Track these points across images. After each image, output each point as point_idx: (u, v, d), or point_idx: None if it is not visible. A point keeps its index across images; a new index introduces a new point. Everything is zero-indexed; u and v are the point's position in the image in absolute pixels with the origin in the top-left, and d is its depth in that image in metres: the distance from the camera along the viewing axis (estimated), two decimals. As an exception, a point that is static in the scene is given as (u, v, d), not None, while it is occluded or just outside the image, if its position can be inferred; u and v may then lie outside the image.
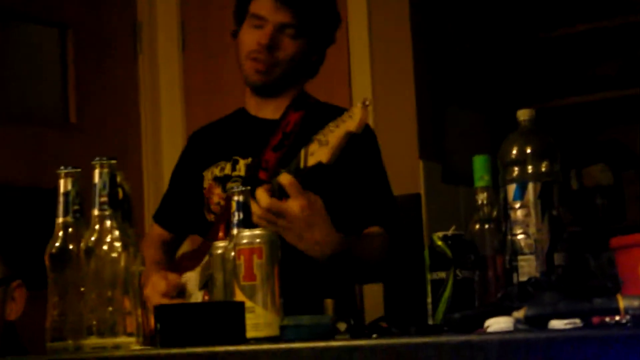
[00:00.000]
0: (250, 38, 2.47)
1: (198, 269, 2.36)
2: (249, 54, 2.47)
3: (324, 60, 2.63)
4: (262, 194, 2.08)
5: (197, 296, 2.32)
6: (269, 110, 2.56)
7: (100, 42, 4.02)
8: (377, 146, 2.55)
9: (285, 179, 2.06)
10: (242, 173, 2.49)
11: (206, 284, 2.29)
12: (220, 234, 2.34)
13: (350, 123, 1.94)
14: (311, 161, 1.99)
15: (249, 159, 2.50)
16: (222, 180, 2.52)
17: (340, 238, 2.19)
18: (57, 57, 3.95)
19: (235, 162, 2.52)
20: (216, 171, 2.54)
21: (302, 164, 2.02)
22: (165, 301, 2.25)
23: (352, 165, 2.36)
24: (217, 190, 2.51)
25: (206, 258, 2.33)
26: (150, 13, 4.15)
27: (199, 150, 2.65)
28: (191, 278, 2.36)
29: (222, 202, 2.48)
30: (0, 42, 3.74)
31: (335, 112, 2.51)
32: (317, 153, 1.98)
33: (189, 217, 2.62)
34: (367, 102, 1.94)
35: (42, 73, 3.95)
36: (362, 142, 2.40)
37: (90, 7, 3.99)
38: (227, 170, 2.52)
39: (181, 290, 2.30)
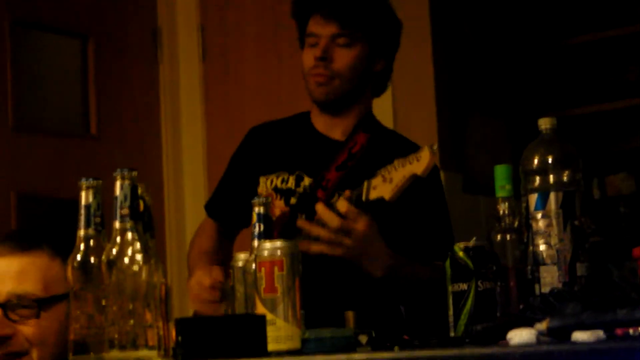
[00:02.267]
0: (309, 56, 2.52)
1: None
2: (310, 71, 2.51)
3: (391, 76, 2.65)
4: (330, 216, 2.17)
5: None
6: (338, 131, 2.57)
7: (121, 52, 4.03)
8: (440, 183, 2.58)
9: (342, 205, 2.14)
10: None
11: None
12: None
13: (417, 166, 1.97)
14: (373, 195, 2.04)
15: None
16: (285, 194, 2.53)
17: (394, 255, 2.27)
18: (78, 67, 3.96)
19: (300, 178, 2.53)
20: (277, 181, 2.54)
21: (363, 196, 2.06)
22: (206, 296, 2.26)
23: (415, 201, 2.39)
24: (279, 203, 2.52)
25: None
26: (170, 21, 4.16)
27: (258, 150, 2.64)
28: None
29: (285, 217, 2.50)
30: (22, 53, 3.76)
31: (401, 142, 2.59)
32: (380, 188, 2.02)
33: (240, 214, 2.58)
34: (435, 147, 1.97)
35: (63, 84, 3.97)
36: (426, 179, 2.43)
37: (111, 17, 4.01)
38: (291, 184, 2.53)
39: (223, 288, 2.30)
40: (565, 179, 1.76)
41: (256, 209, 1.81)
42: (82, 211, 1.69)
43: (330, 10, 2.49)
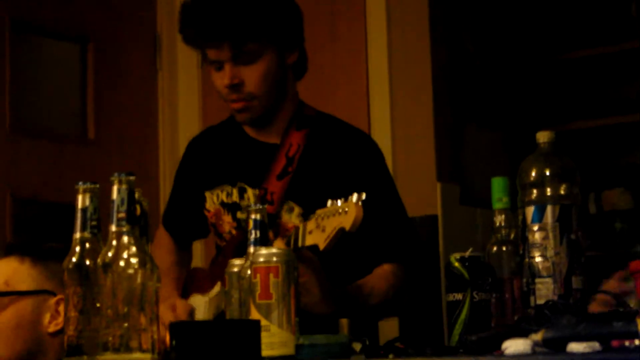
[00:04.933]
0: (218, 82, 2.40)
1: (206, 298, 2.35)
2: (225, 97, 2.41)
3: (306, 55, 2.49)
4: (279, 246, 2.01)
5: None
6: (271, 134, 2.47)
7: (120, 57, 4.03)
8: (387, 173, 2.47)
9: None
10: (251, 203, 2.41)
11: (216, 317, 2.28)
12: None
13: (344, 220, 1.84)
14: (309, 241, 1.94)
15: (257, 190, 2.42)
16: (231, 208, 2.45)
17: (340, 295, 2.14)
18: (77, 72, 3.96)
19: (243, 190, 2.44)
20: (222, 196, 2.47)
21: (300, 242, 1.96)
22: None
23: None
24: (227, 218, 2.46)
25: (215, 289, 2.32)
26: (169, 27, 4.15)
27: (199, 164, 2.56)
28: (200, 305, 2.35)
29: (234, 232, 2.44)
30: (21, 57, 3.76)
31: (340, 128, 2.48)
32: (314, 235, 1.91)
33: (192, 227, 2.58)
34: (363, 197, 1.84)
35: (61, 88, 3.97)
36: (371, 172, 2.39)
37: (111, 22, 4.01)
38: (235, 197, 2.45)
39: (191, 314, 2.30)
40: (562, 192, 1.77)
41: (252, 216, 1.80)
42: (79, 214, 1.69)
43: (218, 35, 2.34)
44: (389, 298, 2.33)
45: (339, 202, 1.85)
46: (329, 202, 1.88)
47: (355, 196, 1.81)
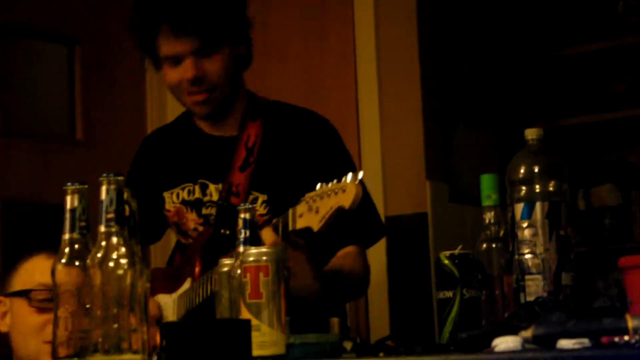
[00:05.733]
0: (176, 76, 2.40)
1: (175, 296, 2.35)
2: (183, 91, 2.41)
3: (252, 45, 2.51)
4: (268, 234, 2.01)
5: None
6: (226, 127, 2.49)
7: (108, 58, 4.03)
8: (345, 150, 2.47)
9: (268, 238, 1.97)
10: (215, 198, 2.43)
11: (184, 315, 2.28)
12: (197, 269, 2.33)
13: (342, 198, 1.83)
14: (300, 224, 1.92)
15: (219, 185, 2.43)
16: (195, 205, 2.46)
17: (325, 279, 2.15)
18: (64, 73, 3.96)
19: (205, 187, 2.45)
20: (183, 194, 2.47)
21: (290, 226, 1.95)
22: None
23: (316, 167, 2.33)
24: (191, 216, 2.46)
25: (185, 286, 2.32)
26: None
27: (155, 166, 2.56)
28: (167, 303, 2.35)
29: (200, 228, 2.45)
30: (9, 58, 3.75)
31: (294, 113, 2.50)
32: (306, 217, 1.90)
33: (148, 230, 2.55)
34: (360, 176, 1.83)
35: (49, 89, 3.96)
36: (329, 151, 2.41)
37: (99, 24, 4.00)
38: (197, 194, 2.46)
39: (158, 319, 2.29)
40: (551, 189, 1.77)
41: (242, 215, 1.80)
42: (67, 215, 1.69)
43: (183, 26, 2.35)
44: (362, 279, 2.38)
45: (330, 184, 1.85)
46: (319, 185, 1.88)
47: (350, 175, 1.82)
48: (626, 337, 1.35)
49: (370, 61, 3.76)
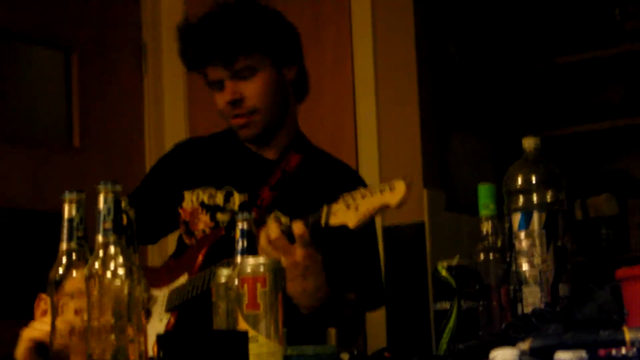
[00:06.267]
0: (220, 101, 2.45)
1: (166, 290, 2.35)
2: (227, 115, 2.46)
3: (308, 77, 2.56)
4: (273, 226, 2.07)
5: (163, 317, 2.31)
6: (269, 150, 2.52)
7: (105, 64, 4.02)
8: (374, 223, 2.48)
9: (298, 228, 2.04)
10: (235, 207, 2.45)
11: (175, 307, 2.28)
12: (197, 263, 2.33)
13: (390, 197, 1.86)
14: (333, 220, 1.94)
15: (245, 195, 2.45)
16: (211, 209, 2.47)
17: (329, 295, 2.16)
18: (61, 79, 3.95)
19: (229, 194, 2.47)
20: (204, 196, 2.49)
21: (322, 221, 1.98)
22: None
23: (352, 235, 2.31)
24: (204, 218, 2.47)
25: (180, 280, 2.33)
26: (155, 34, 4.15)
27: (183, 166, 2.58)
28: (158, 297, 2.35)
29: (208, 231, 2.46)
30: (5, 64, 3.75)
31: (335, 165, 2.54)
32: (342, 214, 1.92)
33: (154, 229, 2.59)
34: (409, 181, 1.87)
35: (46, 95, 3.96)
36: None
37: (96, 30, 4.00)
38: (219, 200, 2.47)
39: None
40: (548, 199, 1.77)
41: (239, 225, 1.80)
42: (65, 224, 1.68)
43: (209, 54, 2.41)
44: (357, 320, 2.42)
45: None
46: (362, 189, 1.91)
47: (402, 178, 1.83)
48: (623, 350, 1.35)
49: (368, 69, 3.76)
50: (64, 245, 1.68)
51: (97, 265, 1.58)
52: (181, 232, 2.54)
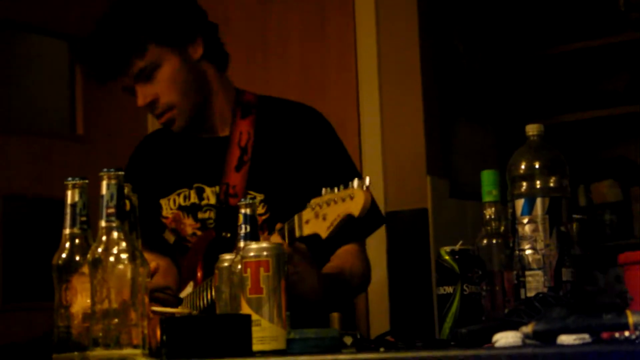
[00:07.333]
0: (140, 105, 2.40)
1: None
2: (153, 116, 2.41)
3: (221, 42, 2.45)
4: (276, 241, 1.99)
5: None
6: (216, 129, 2.45)
7: (109, 54, 4.02)
8: (339, 142, 2.44)
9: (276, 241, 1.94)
10: (212, 201, 2.40)
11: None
12: (199, 273, 2.32)
13: (351, 206, 1.79)
14: (307, 230, 1.91)
15: (216, 187, 2.39)
16: (191, 210, 2.42)
17: (328, 283, 2.13)
18: (65, 68, 3.96)
19: (201, 190, 2.42)
20: (179, 200, 2.44)
21: (297, 232, 1.91)
22: None
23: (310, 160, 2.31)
24: (189, 221, 2.43)
25: (187, 290, 2.32)
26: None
27: (149, 173, 2.51)
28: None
29: (198, 232, 2.42)
30: (9, 54, 3.75)
31: (285, 107, 2.46)
32: (313, 224, 1.87)
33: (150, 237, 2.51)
34: (367, 183, 1.78)
35: (50, 84, 3.96)
36: (323, 144, 2.39)
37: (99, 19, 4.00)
38: (194, 198, 2.42)
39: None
40: (551, 184, 1.77)
41: (242, 210, 1.80)
42: (68, 210, 1.69)
43: (116, 69, 2.36)
44: (366, 278, 2.38)
45: (336, 190, 1.83)
46: (324, 191, 1.85)
47: (356, 182, 1.79)
48: (627, 333, 1.35)
49: (371, 58, 3.76)
50: (67, 231, 1.68)
51: (100, 250, 1.59)
52: (175, 239, 2.50)
